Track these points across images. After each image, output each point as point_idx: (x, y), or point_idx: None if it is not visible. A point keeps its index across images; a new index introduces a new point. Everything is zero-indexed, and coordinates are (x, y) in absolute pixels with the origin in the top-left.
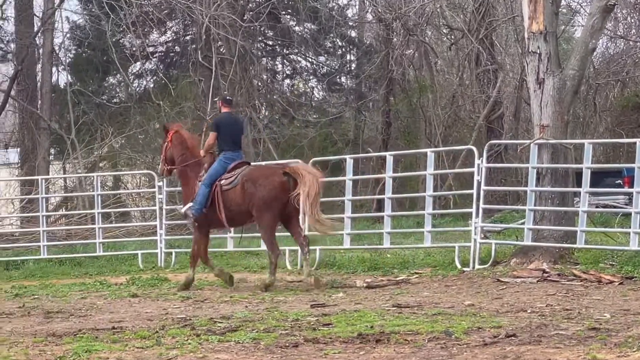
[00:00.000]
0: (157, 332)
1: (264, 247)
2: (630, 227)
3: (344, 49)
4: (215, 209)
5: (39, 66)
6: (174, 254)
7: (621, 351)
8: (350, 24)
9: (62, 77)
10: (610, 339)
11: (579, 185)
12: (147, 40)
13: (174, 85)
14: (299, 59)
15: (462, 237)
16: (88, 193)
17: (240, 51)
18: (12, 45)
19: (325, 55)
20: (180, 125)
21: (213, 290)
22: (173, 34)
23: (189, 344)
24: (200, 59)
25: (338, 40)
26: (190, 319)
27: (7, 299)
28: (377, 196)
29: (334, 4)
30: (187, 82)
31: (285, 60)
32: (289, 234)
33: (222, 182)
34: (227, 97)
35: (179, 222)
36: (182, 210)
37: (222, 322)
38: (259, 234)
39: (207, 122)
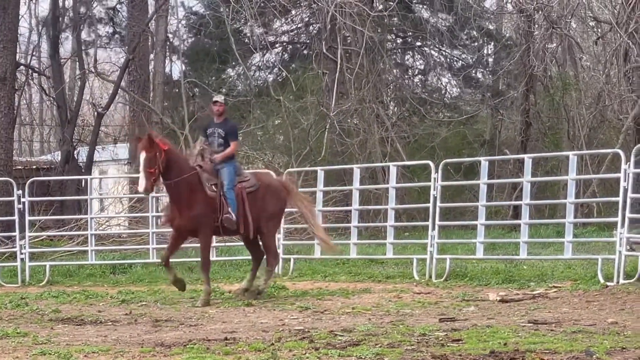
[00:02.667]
0: (272, 344)
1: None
2: None
3: (481, 42)
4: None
5: (152, 56)
6: (292, 260)
7: None
8: (489, 15)
9: (176, 68)
10: None
11: None
12: (269, 30)
13: (295, 78)
14: (433, 52)
15: (606, 248)
16: None
17: (368, 43)
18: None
19: (461, 48)
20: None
21: (334, 300)
22: (297, 24)
23: (307, 358)
24: (324, 51)
25: (475, 32)
26: (309, 331)
27: (113, 305)
28: (513, 202)
29: None
30: (309, 75)
31: (417, 54)
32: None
33: (244, 184)
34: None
35: (297, 225)
36: (234, 218)
37: (342, 336)
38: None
39: (329, 118)
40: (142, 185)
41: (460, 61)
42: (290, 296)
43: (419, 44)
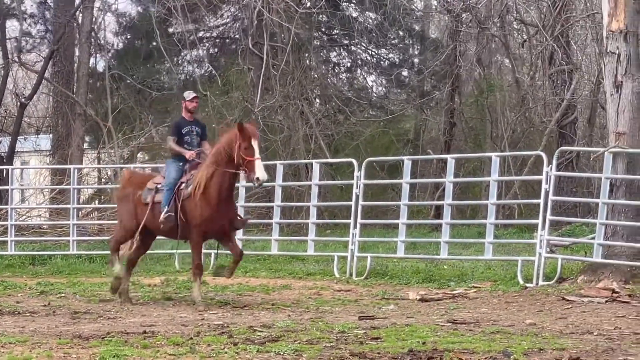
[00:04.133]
0: (191, 338)
1: (310, 251)
2: None
3: (408, 42)
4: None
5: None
6: (213, 255)
7: None
8: (417, 13)
9: (101, 61)
10: None
11: None
12: (198, 26)
13: (222, 74)
14: (360, 50)
15: (526, 250)
16: None
17: (295, 39)
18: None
19: (388, 47)
20: None
21: (254, 296)
22: (225, 19)
23: (226, 352)
24: (250, 46)
25: (402, 32)
26: (228, 326)
27: (31, 296)
28: (435, 202)
29: None
30: (235, 70)
31: (344, 52)
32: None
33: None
34: None
35: None
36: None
37: (262, 331)
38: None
39: (253, 114)
40: (265, 174)
41: (387, 60)
42: (210, 291)
43: (346, 42)
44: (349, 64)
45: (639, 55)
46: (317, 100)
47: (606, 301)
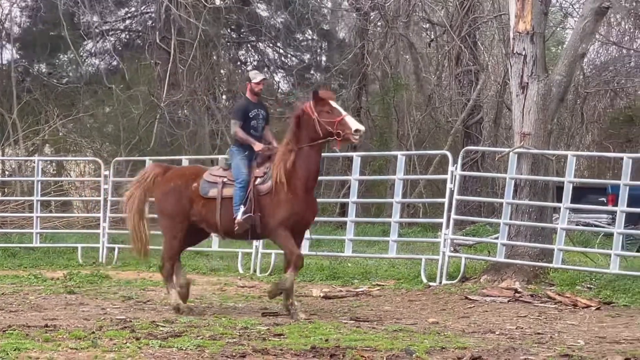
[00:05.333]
0: (93, 332)
1: (215, 247)
2: (611, 249)
3: (316, 41)
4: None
5: None
6: (116, 249)
7: None
8: (325, 12)
9: (6, 51)
10: None
11: (559, 200)
12: (104, 18)
13: (128, 67)
14: (267, 49)
15: (430, 249)
16: (27, 178)
17: (202, 36)
18: None
19: (296, 46)
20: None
21: (157, 291)
22: (133, 12)
23: (128, 347)
24: (157, 41)
25: (310, 31)
26: (131, 321)
27: None
28: (341, 199)
29: None
30: (142, 64)
31: (251, 49)
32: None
33: None
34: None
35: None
36: None
37: (164, 326)
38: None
39: (159, 109)
40: (362, 124)
41: (295, 59)
42: (114, 286)
43: (253, 39)
44: (256, 62)
45: (545, 57)
46: (224, 96)
47: (508, 301)
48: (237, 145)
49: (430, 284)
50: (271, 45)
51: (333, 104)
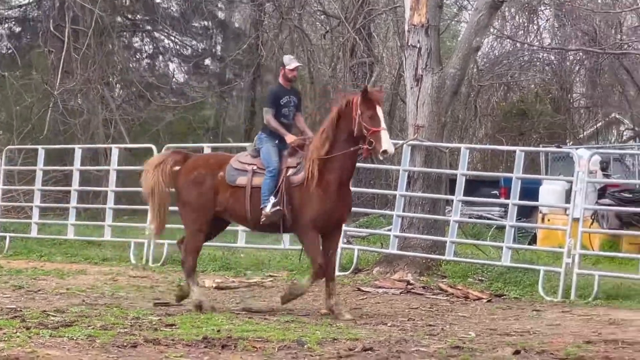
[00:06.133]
0: None
1: (107, 237)
2: (503, 241)
3: (211, 30)
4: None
5: None
6: (8, 238)
7: None
8: (220, 1)
9: None
10: (473, 359)
11: (452, 192)
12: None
13: (22, 55)
14: (162, 37)
15: None
16: None
17: (98, 23)
18: None
19: (192, 35)
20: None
21: (48, 280)
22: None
23: (18, 337)
24: (52, 29)
25: (205, 20)
26: (21, 310)
27: None
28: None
29: None
30: (36, 52)
31: (146, 38)
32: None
33: None
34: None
35: (16, 204)
36: None
37: (55, 316)
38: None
39: (53, 97)
40: (392, 147)
41: (190, 48)
42: (4, 275)
43: (149, 27)
44: (151, 50)
45: (439, 50)
46: (118, 85)
47: (401, 292)
48: (267, 132)
49: None
50: (166, 33)
51: (378, 110)
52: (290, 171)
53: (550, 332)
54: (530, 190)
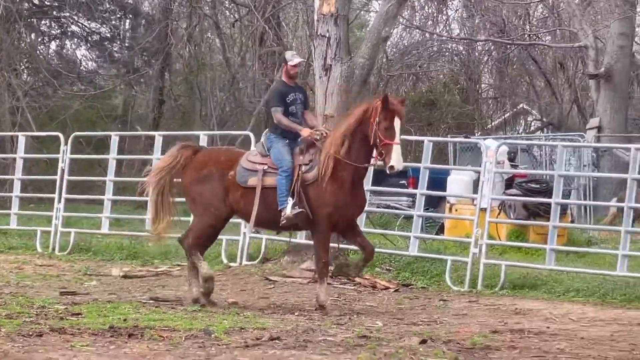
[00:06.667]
0: None
1: (13, 225)
2: (411, 231)
3: (119, 16)
4: None
5: None
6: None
7: None
8: None
9: None
10: (380, 348)
11: None
12: None
13: None
14: (70, 22)
15: (232, 230)
16: None
17: (4, 9)
18: None
19: (99, 21)
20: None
21: None
22: None
23: None
24: None
25: (113, 5)
26: None
27: None
28: (142, 179)
29: None
30: None
31: (54, 24)
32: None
33: None
34: None
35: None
36: None
37: None
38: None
39: None
40: (401, 163)
41: (98, 34)
42: None
43: (56, 13)
44: (59, 37)
45: (348, 39)
46: (25, 72)
47: (308, 282)
48: (277, 132)
49: (231, 264)
50: (73, 19)
51: (396, 122)
52: (304, 168)
53: (457, 322)
54: (438, 180)
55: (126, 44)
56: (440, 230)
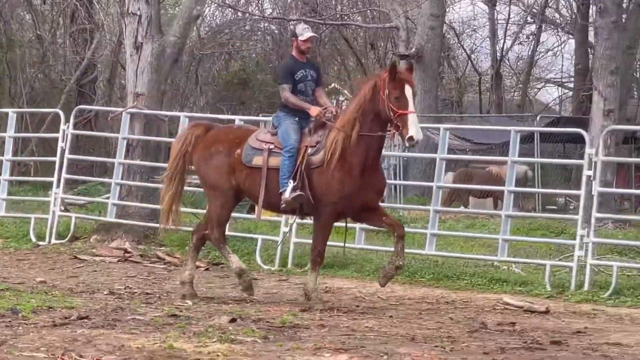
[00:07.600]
0: None
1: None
2: None
3: None
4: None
5: None
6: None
7: (200, 341)
8: None
9: None
10: (190, 327)
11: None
12: None
13: None
14: None
15: (41, 208)
16: None
17: None
18: None
19: None
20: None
21: None
22: None
23: None
24: None
25: None
26: None
27: None
28: None
29: None
30: None
31: None
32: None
33: None
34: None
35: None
36: None
37: None
38: None
39: None
40: (420, 132)
41: None
42: None
43: None
44: None
45: (160, 18)
46: None
47: (118, 261)
48: (285, 110)
49: (40, 243)
50: None
51: (407, 90)
52: (310, 150)
53: (267, 301)
54: None
55: None
56: (251, 209)
